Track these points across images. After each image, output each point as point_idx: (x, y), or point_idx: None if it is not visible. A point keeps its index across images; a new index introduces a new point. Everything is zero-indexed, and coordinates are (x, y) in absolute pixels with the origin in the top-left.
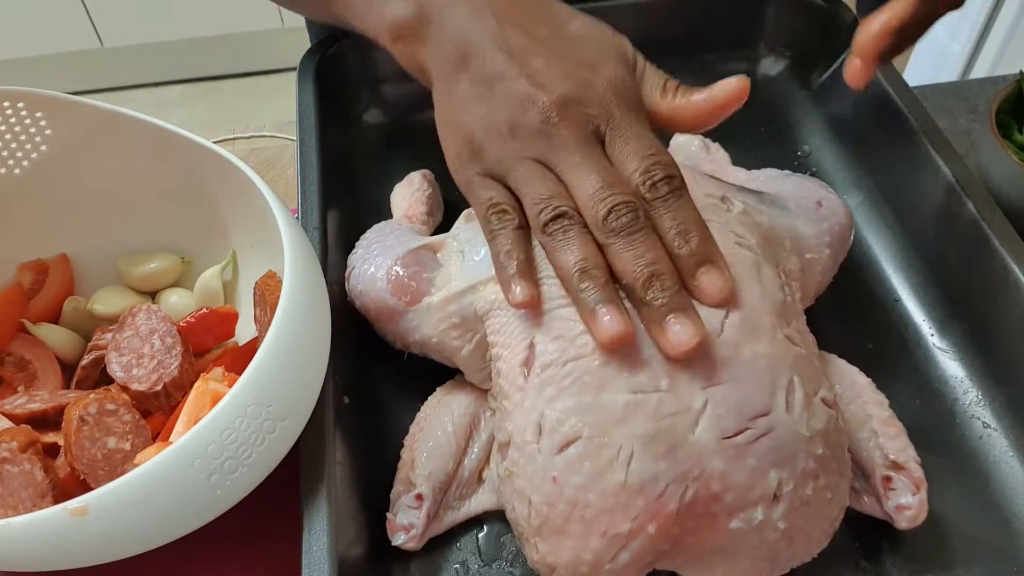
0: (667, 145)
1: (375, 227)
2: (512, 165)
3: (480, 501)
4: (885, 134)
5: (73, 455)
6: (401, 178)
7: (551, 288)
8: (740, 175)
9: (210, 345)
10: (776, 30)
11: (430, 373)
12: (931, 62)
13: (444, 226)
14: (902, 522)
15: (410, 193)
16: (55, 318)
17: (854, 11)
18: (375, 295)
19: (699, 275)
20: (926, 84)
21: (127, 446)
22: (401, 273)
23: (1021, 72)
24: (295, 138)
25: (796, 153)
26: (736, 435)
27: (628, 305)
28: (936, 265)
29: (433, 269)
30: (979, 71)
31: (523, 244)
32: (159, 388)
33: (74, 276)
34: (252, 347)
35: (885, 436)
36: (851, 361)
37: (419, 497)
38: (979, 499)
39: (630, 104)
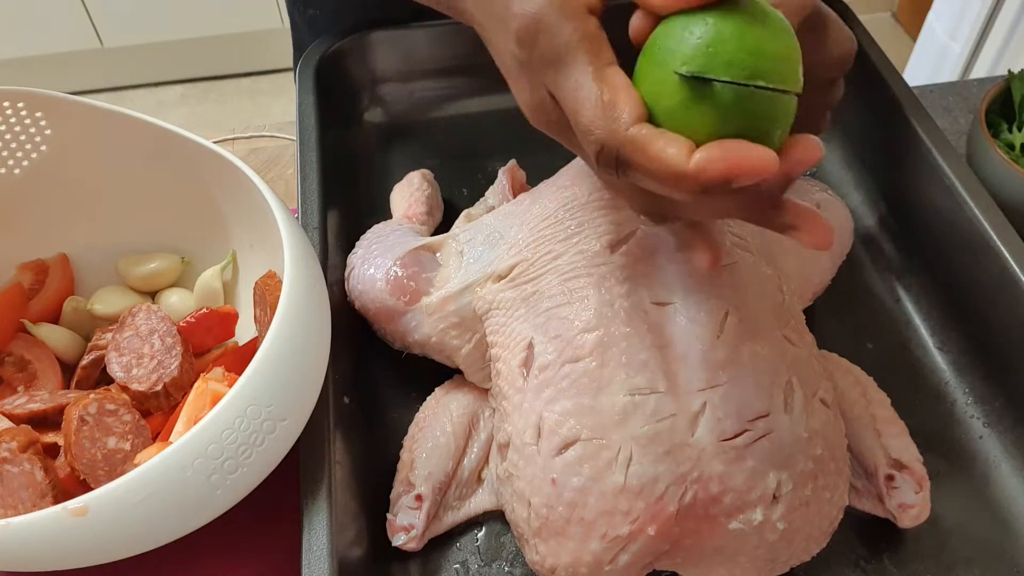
0: None
1: (375, 227)
2: None
3: (480, 502)
4: (885, 134)
5: (73, 455)
6: (401, 178)
7: (550, 286)
8: None
9: (210, 345)
10: None
11: (430, 373)
12: (931, 62)
13: (444, 226)
14: (905, 521)
15: (409, 193)
16: (55, 318)
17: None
18: (374, 295)
19: None
20: (926, 84)
21: (127, 446)
22: (400, 273)
23: (1010, 72)
24: (295, 138)
25: None
26: (735, 437)
27: (627, 305)
28: (936, 265)
29: (432, 269)
30: (979, 71)
31: None
32: (159, 388)
33: (74, 276)
34: (252, 347)
35: (887, 435)
36: (851, 361)
37: (419, 498)
38: (979, 499)
39: None
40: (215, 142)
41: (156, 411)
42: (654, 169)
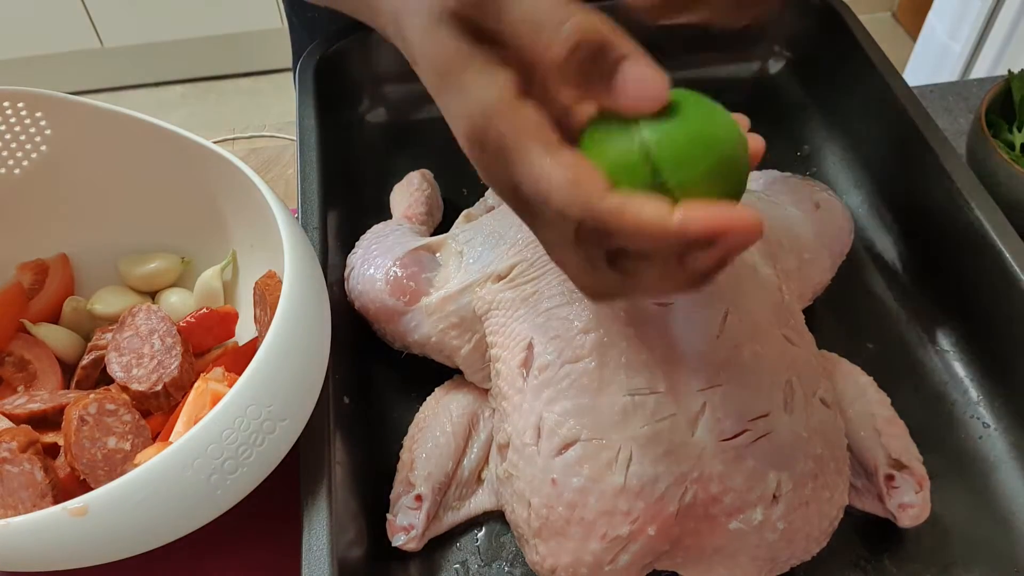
0: None
1: (374, 228)
2: None
3: (480, 502)
4: (885, 134)
5: (73, 455)
6: (401, 178)
7: (550, 286)
8: None
9: (210, 345)
10: (777, 30)
11: (430, 373)
12: (931, 62)
13: (444, 226)
14: (905, 520)
15: (409, 193)
16: (55, 318)
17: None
18: (374, 295)
19: None
20: (926, 84)
21: (127, 446)
22: (400, 274)
23: (1010, 72)
24: (295, 138)
25: (796, 153)
26: (735, 437)
27: (626, 305)
28: (936, 265)
29: (432, 269)
30: (979, 71)
31: None
32: (159, 388)
33: (74, 276)
34: (252, 347)
35: (888, 435)
36: (851, 361)
37: (419, 498)
38: (979, 499)
39: None
40: (215, 142)
41: (156, 411)
42: (635, 233)
